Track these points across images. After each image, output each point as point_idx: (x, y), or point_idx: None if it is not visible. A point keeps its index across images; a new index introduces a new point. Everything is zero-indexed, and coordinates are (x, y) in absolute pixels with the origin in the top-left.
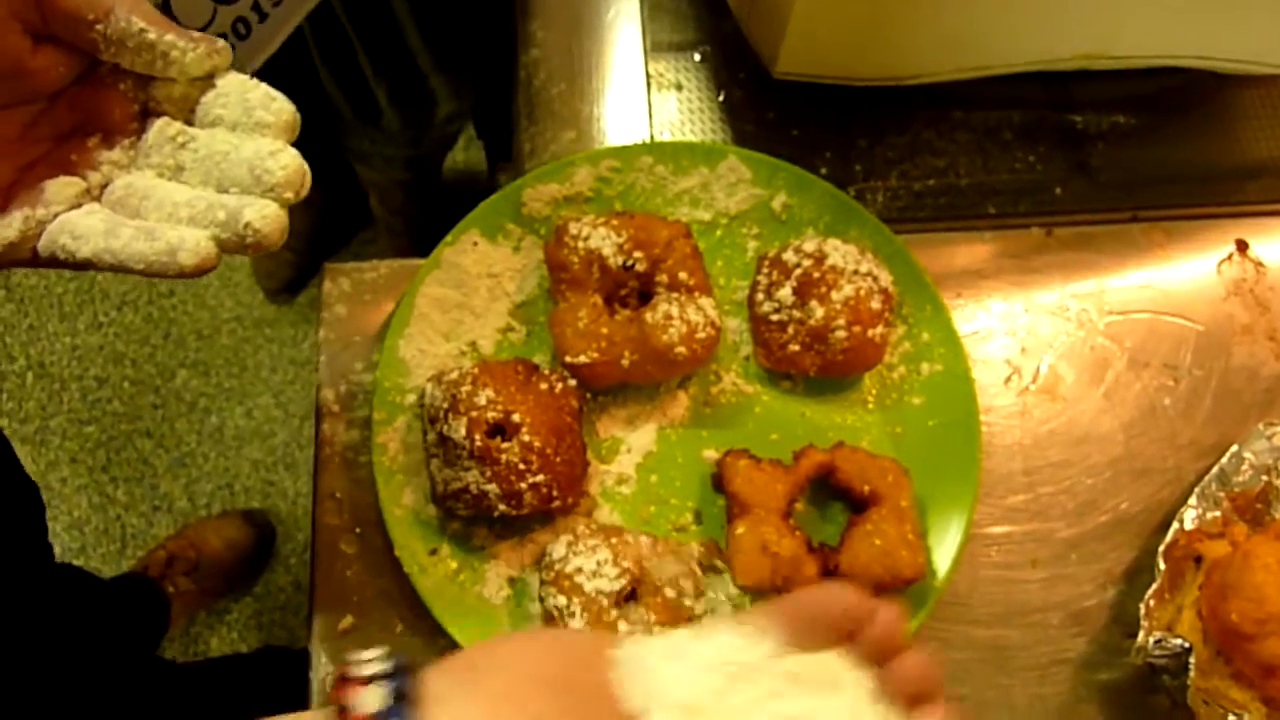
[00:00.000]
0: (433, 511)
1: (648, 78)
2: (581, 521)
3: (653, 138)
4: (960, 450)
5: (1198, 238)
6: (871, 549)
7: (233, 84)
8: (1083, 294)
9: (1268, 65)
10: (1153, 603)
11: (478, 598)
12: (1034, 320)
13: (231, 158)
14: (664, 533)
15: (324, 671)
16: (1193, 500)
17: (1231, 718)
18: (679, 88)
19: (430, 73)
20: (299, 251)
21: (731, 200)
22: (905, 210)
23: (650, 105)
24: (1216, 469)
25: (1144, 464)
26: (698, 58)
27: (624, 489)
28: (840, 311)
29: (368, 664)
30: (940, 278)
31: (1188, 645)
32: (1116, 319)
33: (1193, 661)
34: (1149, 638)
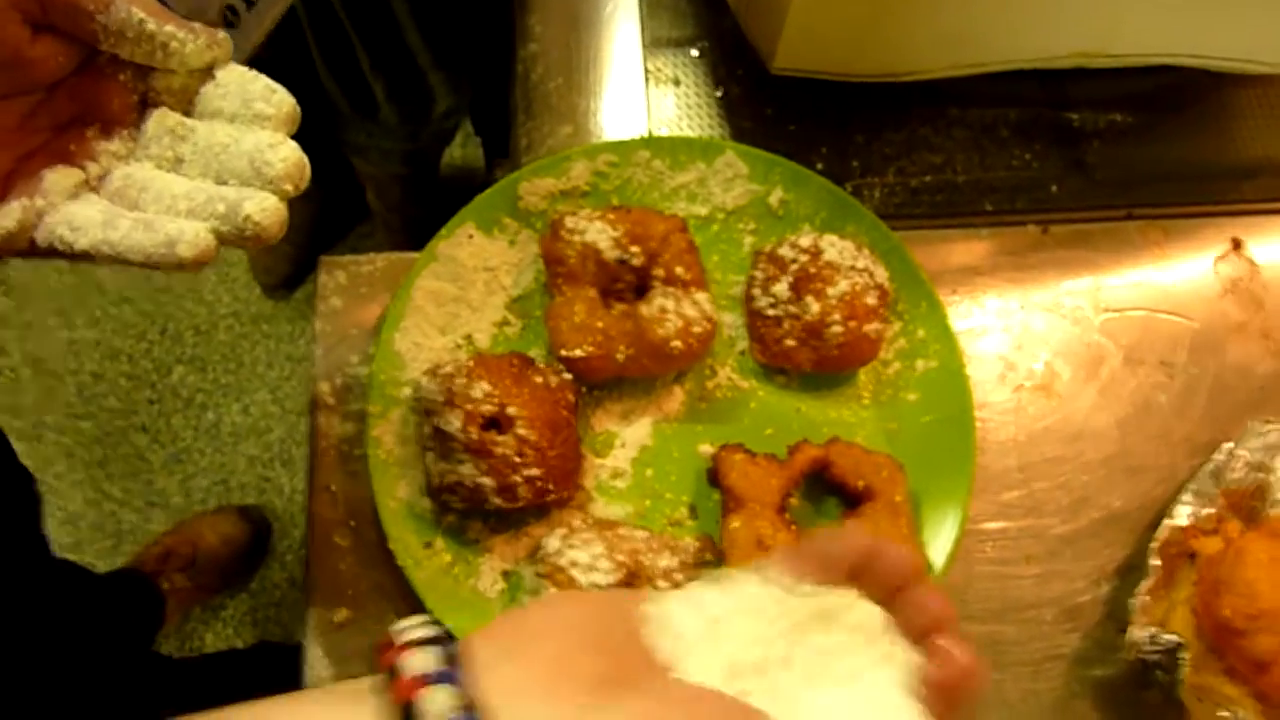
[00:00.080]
0: (427, 504)
1: (645, 73)
2: (576, 515)
3: (650, 132)
4: (955, 446)
5: (1193, 236)
6: None
7: (233, 76)
8: (1078, 291)
9: (1264, 64)
10: (1146, 599)
11: (472, 591)
12: (1029, 317)
13: (231, 150)
14: (659, 527)
15: (318, 664)
16: (1187, 497)
17: (1224, 713)
18: (677, 83)
19: (428, 69)
20: (296, 247)
21: (728, 195)
22: (902, 206)
23: (648, 100)
24: (1211, 466)
25: (1138, 461)
26: (695, 53)
27: (619, 483)
28: (836, 307)
29: (411, 630)
30: (936, 274)
31: (1180, 641)
32: (1112, 316)
33: (1185, 657)
34: (1142, 633)
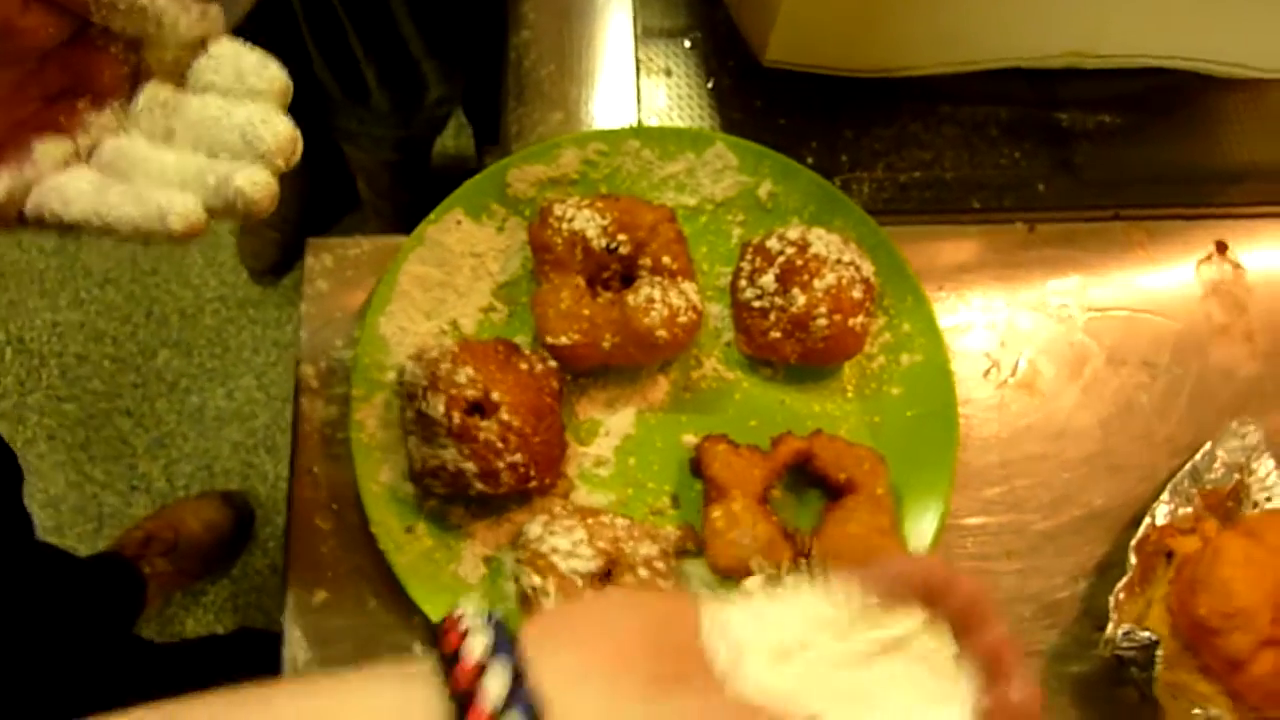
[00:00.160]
0: (410, 489)
1: (637, 63)
2: (558, 502)
3: (640, 122)
4: (938, 441)
5: (1178, 238)
6: (846, 536)
7: (225, 50)
8: (1063, 290)
9: (1253, 69)
10: (1122, 596)
11: (453, 576)
12: (1014, 315)
13: (223, 123)
14: (641, 515)
15: (296, 645)
16: (1165, 496)
17: (1198, 711)
18: (668, 73)
19: (421, 57)
20: (285, 233)
21: (717, 187)
22: (890, 202)
23: (639, 90)
24: (1190, 466)
25: (1119, 460)
26: (688, 44)
27: (602, 471)
28: (822, 300)
29: (467, 617)
30: (923, 270)
31: (1155, 638)
32: (1096, 316)
33: (1160, 654)
34: (1117, 630)
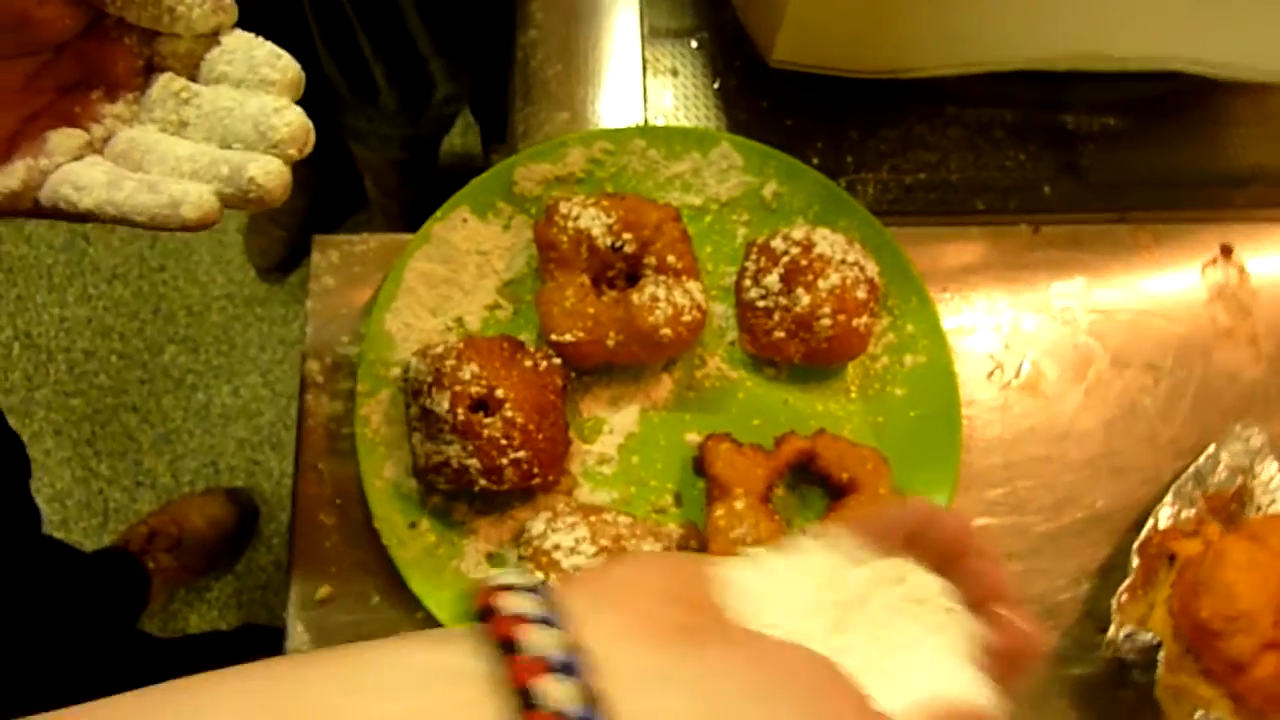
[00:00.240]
0: (413, 485)
1: (644, 62)
2: (561, 499)
3: (647, 122)
4: (940, 442)
5: (1183, 241)
6: None
7: (238, 41)
8: (1068, 292)
9: (1259, 72)
10: (1125, 598)
11: (455, 572)
12: (1018, 316)
13: (235, 114)
14: (644, 514)
15: (299, 639)
16: (1169, 499)
17: (1199, 714)
18: (675, 73)
19: (429, 56)
20: (292, 231)
21: (722, 186)
22: (895, 203)
23: (645, 90)
24: (1193, 469)
25: (1122, 462)
26: (694, 44)
27: (605, 469)
28: (826, 300)
29: (504, 577)
30: (927, 271)
31: (1157, 641)
32: (1100, 318)
33: (1162, 657)
34: (1119, 632)
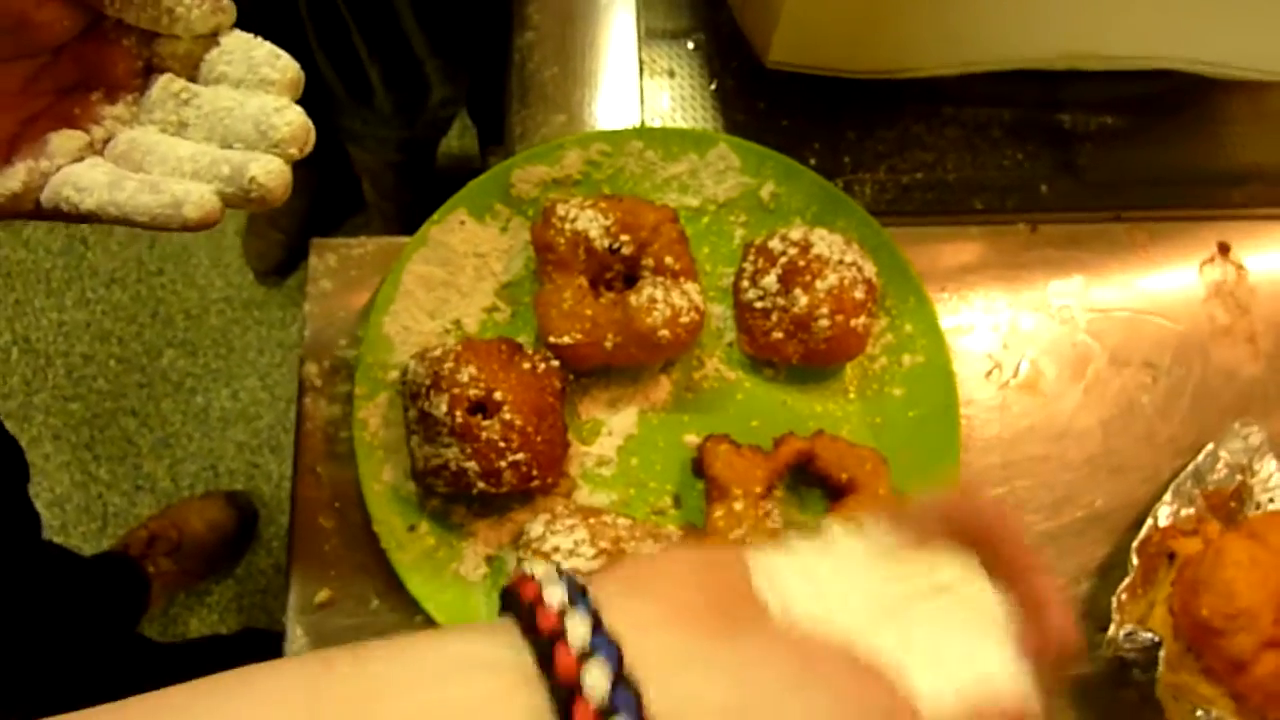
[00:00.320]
0: (412, 488)
1: (640, 64)
2: (560, 502)
3: (644, 123)
4: (939, 442)
5: (1180, 239)
6: None
7: (237, 41)
8: (1066, 291)
9: (1256, 71)
10: (1125, 597)
11: (454, 575)
12: (1016, 316)
13: (235, 114)
14: (643, 515)
15: (299, 643)
16: (1168, 497)
17: (1200, 713)
18: (671, 75)
19: (425, 57)
20: (290, 234)
21: (720, 187)
22: (892, 203)
23: (642, 91)
24: (1192, 467)
25: (1121, 461)
26: (691, 45)
27: (604, 471)
28: (824, 300)
29: (533, 568)
30: (925, 271)
31: (1157, 639)
32: (1098, 317)
33: (1162, 656)
34: (1119, 631)
